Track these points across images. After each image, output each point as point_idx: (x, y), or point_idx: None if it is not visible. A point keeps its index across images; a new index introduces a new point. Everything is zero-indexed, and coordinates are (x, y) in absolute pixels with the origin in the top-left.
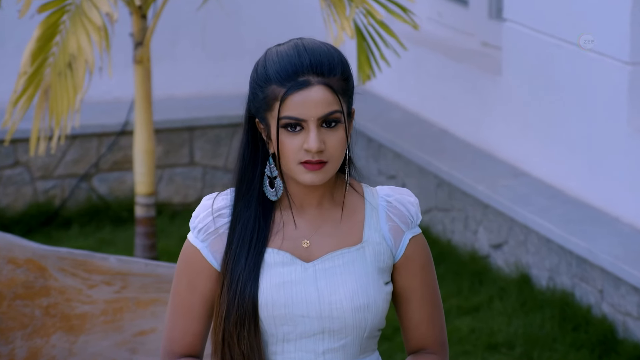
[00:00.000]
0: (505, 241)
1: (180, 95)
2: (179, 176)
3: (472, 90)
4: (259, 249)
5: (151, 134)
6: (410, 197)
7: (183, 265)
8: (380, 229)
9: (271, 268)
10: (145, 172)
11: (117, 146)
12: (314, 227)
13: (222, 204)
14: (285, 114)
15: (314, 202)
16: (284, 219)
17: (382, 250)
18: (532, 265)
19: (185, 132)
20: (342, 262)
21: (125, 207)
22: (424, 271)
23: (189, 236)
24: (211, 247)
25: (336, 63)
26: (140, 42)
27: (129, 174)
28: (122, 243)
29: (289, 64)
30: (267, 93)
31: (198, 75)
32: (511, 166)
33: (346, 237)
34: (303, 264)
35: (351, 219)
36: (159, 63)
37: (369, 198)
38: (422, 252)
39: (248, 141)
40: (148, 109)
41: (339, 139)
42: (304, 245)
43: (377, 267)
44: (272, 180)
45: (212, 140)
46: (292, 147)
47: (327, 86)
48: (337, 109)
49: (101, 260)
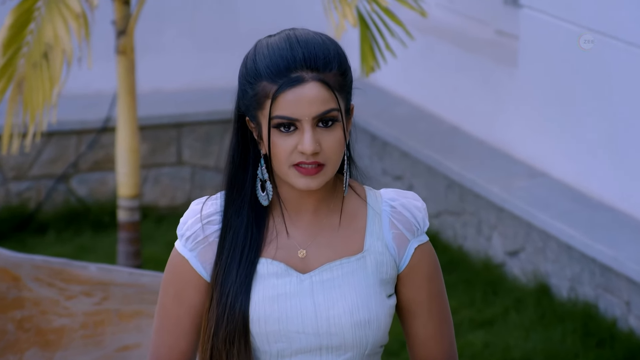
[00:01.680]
0: (522, 248)
1: (167, 89)
2: (165, 177)
3: (485, 83)
4: (251, 259)
5: (135, 131)
6: (416, 202)
7: (170, 275)
8: (383, 237)
9: (264, 280)
10: (128, 172)
11: (98, 144)
12: (310, 235)
13: (211, 209)
14: (277, 113)
15: (310, 207)
16: (277, 226)
17: (384, 260)
18: (551, 274)
19: (173, 128)
20: (341, 274)
21: (106, 210)
22: (431, 282)
23: (177, 244)
24: (200, 256)
25: (332, 56)
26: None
27: (110, 174)
28: (104, 250)
29: (280, 59)
30: (257, 90)
31: (186, 67)
32: (528, 166)
33: (346, 246)
34: (299, 276)
35: (351, 226)
36: (144, 54)
37: (371, 202)
38: (428, 261)
39: (238, 141)
40: (132, 103)
41: (336, 139)
42: (299, 255)
43: (379, 279)
44: (264, 183)
45: (202, 137)
46: (285, 148)
47: (323, 82)
48: (334, 107)
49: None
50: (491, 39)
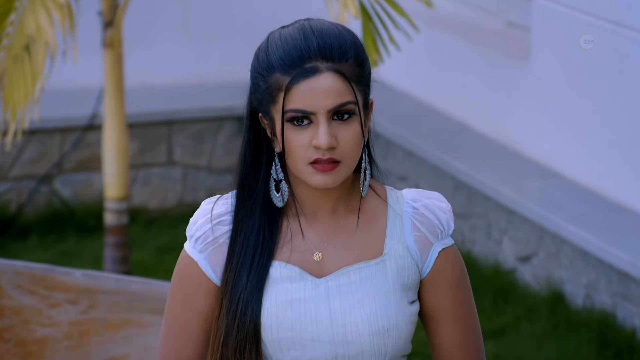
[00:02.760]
0: (535, 253)
1: (157, 84)
2: (155, 177)
3: (495, 77)
4: (263, 262)
5: (123, 129)
6: (441, 203)
7: (178, 279)
8: (404, 240)
9: (277, 284)
10: (116, 172)
11: (84, 143)
12: (327, 237)
13: (222, 209)
14: (291, 107)
15: (327, 208)
16: (292, 228)
17: (406, 264)
18: (565, 281)
19: (163, 126)
20: (359, 278)
21: (92, 213)
22: (456, 289)
23: (186, 246)
24: (210, 258)
25: (348, 46)
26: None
27: (97, 175)
28: (89, 255)
29: (293, 49)
30: (269, 83)
31: (178, 61)
32: (541, 165)
33: (364, 249)
34: (314, 280)
35: (370, 228)
36: (132, 46)
37: (392, 203)
38: (453, 266)
39: (250, 139)
40: (119, 99)
41: (353, 133)
42: (315, 259)
43: (400, 284)
44: (278, 183)
45: (194, 135)
46: (299, 144)
47: (338, 73)
48: (350, 99)
49: (64, 275)
50: (501, 30)
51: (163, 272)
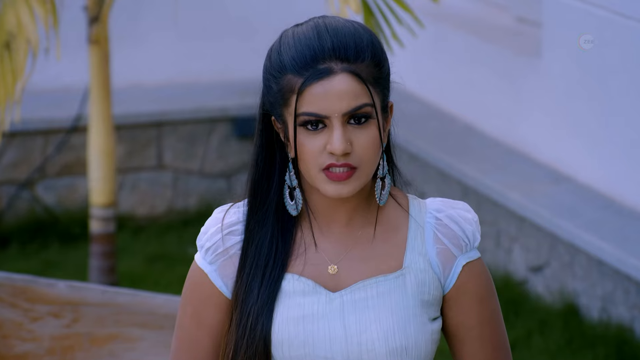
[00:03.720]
0: (547, 263)
1: (146, 83)
2: (144, 182)
3: (504, 76)
4: (275, 275)
5: (110, 131)
6: (467, 213)
7: (188, 291)
8: (425, 253)
9: (289, 298)
10: (102, 177)
11: (68, 145)
12: (342, 249)
13: (234, 218)
14: (304, 110)
15: (343, 218)
16: (306, 238)
17: (427, 279)
18: (580, 292)
19: (153, 128)
20: (376, 293)
21: (77, 221)
22: (482, 305)
23: (196, 257)
24: (220, 270)
25: (365, 45)
26: (95, 18)
27: (81, 180)
28: (74, 265)
29: (307, 48)
30: (282, 84)
31: (168, 59)
32: (553, 170)
33: (383, 262)
34: (328, 294)
35: (390, 240)
36: (120, 43)
37: (414, 214)
38: (479, 281)
39: (262, 144)
40: (106, 99)
41: (369, 138)
42: (330, 272)
43: (420, 300)
44: (292, 190)
45: (186, 138)
46: (312, 149)
47: (354, 74)
48: (367, 101)
49: (47, 287)
50: (511, 26)
51: (152, 283)
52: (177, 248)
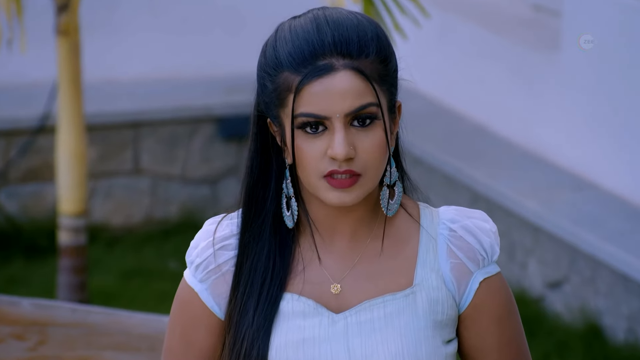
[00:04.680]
0: (566, 278)
1: (121, 79)
2: (119, 189)
3: (519, 72)
4: (272, 295)
5: (81, 132)
6: (484, 223)
7: (177, 312)
8: (438, 268)
9: (288, 320)
10: (72, 183)
11: (34, 148)
12: (346, 265)
13: (227, 231)
14: (302, 110)
15: (347, 230)
16: (305, 254)
17: (440, 297)
18: (603, 311)
19: (129, 128)
20: (384, 314)
21: (44, 232)
22: (501, 325)
23: (185, 274)
24: (212, 289)
25: (369, 39)
26: (64, 5)
27: (49, 186)
28: (40, 281)
29: (305, 43)
30: (278, 83)
31: (147, 52)
32: (573, 175)
33: (391, 279)
34: (331, 315)
35: (399, 254)
36: (92, 34)
37: (425, 224)
38: (498, 299)
39: (257, 149)
40: (77, 97)
41: (375, 141)
42: (332, 291)
43: (432, 321)
44: (289, 200)
45: (166, 139)
46: (312, 154)
47: (357, 71)
48: (372, 101)
49: (10, 305)
50: (527, 16)
51: (127, 301)
52: (155, 262)
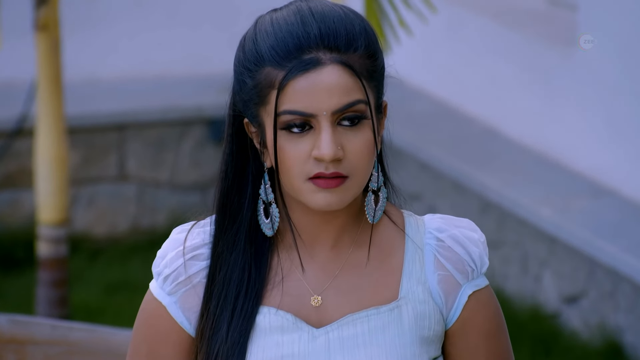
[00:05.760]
0: (584, 292)
1: (105, 77)
2: (103, 196)
3: (533, 69)
4: (248, 308)
5: (62, 134)
6: (472, 233)
7: (142, 328)
8: (425, 281)
9: (265, 336)
10: (52, 190)
11: (10, 152)
12: (328, 276)
13: (198, 240)
14: (286, 107)
15: (329, 239)
16: (284, 264)
17: (427, 311)
18: (624, 328)
19: (113, 131)
20: (368, 329)
21: (21, 242)
22: (490, 342)
23: (152, 286)
24: (182, 302)
25: (357, 33)
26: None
27: (27, 193)
28: (17, 296)
29: (289, 36)
30: (259, 79)
31: (132, 49)
32: (591, 181)
33: (375, 292)
34: (311, 331)
35: (383, 265)
36: (74, 30)
37: (411, 233)
38: (487, 313)
39: (233, 152)
40: (57, 96)
41: (363, 142)
42: (313, 303)
43: (419, 336)
44: (268, 207)
45: (153, 142)
46: (296, 155)
47: (346, 66)
48: (360, 98)
49: None
50: (541, 10)
51: (112, 316)
52: (142, 275)
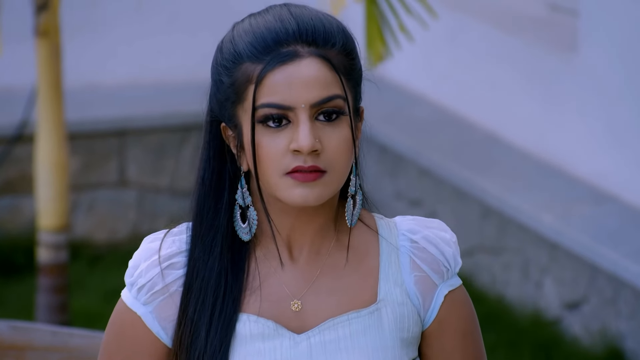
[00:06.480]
0: (585, 298)
1: (105, 83)
2: (103, 202)
3: (534, 75)
4: (227, 314)
5: (62, 140)
6: (444, 233)
7: (116, 340)
8: (402, 282)
9: (246, 343)
10: (53, 196)
11: (11, 158)
12: (307, 280)
13: (173, 248)
14: (264, 101)
15: (306, 242)
16: (262, 269)
17: (406, 312)
18: (626, 334)
19: (114, 137)
20: (349, 333)
21: (21, 248)
22: (466, 341)
23: (124, 296)
24: (158, 312)
25: (335, 30)
26: (44, 5)
27: (27, 199)
28: (17, 302)
29: (267, 31)
30: (236, 76)
31: (132, 55)
32: (592, 187)
33: (354, 295)
34: (292, 337)
35: (360, 268)
36: (74, 36)
37: (385, 235)
38: (463, 313)
39: (210, 156)
40: (57, 102)
41: (341, 138)
42: (293, 308)
43: (399, 338)
44: (245, 211)
45: (153, 148)
46: (273, 150)
47: (324, 59)
48: (339, 93)
49: None
50: (542, 15)
51: None
52: None
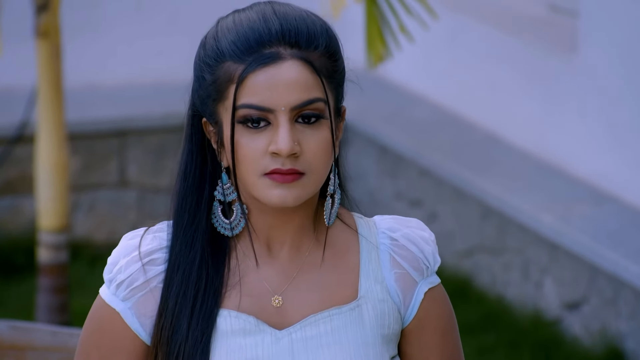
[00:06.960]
0: (585, 298)
1: (105, 83)
2: (103, 202)
3: (534, 75)
4: (207, 309)
5: (63, 141)
6: (422, 231)
7: (93, 336)
8: (383, 279)
9: (227, 339)
10: (53, 196)
11: (11, 158)
12: (287, 276)
13: (154, 244)
14: (244, 101)
15: (288, 239)
16: (242, 265)
17: (386, 309)
18: (626, 334)
19: (114, 137)
20: (330, 329)
21: (21, 249)
22: (445, 339)
23: (103, 292)
24: (137, 308)
25: (318, 32)
26: (44, 5)
27: (27, 199)
28: (17, 302)
29: (250, 31)
30: (218, 74)
31: (132, 55)
32: (592, 187)
33: (335, 291)
34: (274, 333)
35: (341, 265)
36: (74, 36)
37: (364, 233)
38: (441, 311)
39: (191, 151)
40: (57, 103)
41: (320, 141)
42: (274, 304)
43: (380, 335)
44: (226, 207)
45: (153, 149)
46: (252, 151)
47: (306, 62)
48: (320, 96)
49: None
50: (542, 16)
51: None
52: None
